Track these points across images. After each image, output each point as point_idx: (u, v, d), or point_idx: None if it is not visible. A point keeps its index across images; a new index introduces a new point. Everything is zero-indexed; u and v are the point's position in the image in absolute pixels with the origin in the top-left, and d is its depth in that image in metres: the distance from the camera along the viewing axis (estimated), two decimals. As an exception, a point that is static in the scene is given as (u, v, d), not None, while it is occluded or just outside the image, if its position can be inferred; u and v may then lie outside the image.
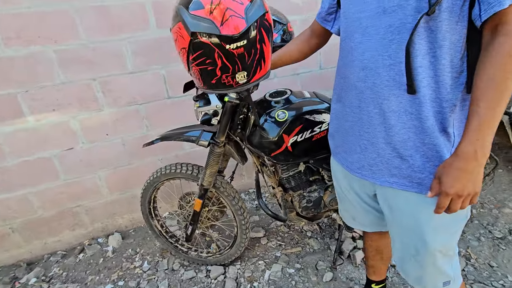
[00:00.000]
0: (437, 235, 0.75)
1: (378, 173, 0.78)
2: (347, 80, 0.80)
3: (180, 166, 1.44)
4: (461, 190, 0.61)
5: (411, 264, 0.83)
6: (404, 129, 0.70)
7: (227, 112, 1.13)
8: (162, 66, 1.78)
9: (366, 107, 0.75)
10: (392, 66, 0.67)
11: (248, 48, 0.71)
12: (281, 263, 1.58)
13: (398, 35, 0.65)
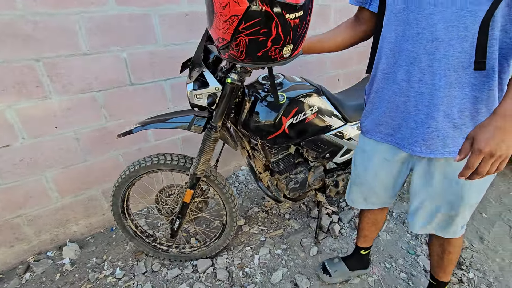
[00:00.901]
0: (473, 193, 0.85)
1: (432, 146, 0.81)
2: (405, 54, 0.78)
3: (164, 157, 1.32)
4: (494, 148, 0.61)
5: (437, 220, 0.93)
6: (464, 99, 0.73)
7: (228, 94, 1.09)
8: (123, 48, 1.58)
9: (431, 80, 0.75)
10: (466, 38, 0.67)
11: (302, 20, 0.71)
12: (267, 246, 1.61)
13: (477, 6, 0.64)
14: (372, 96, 0.95)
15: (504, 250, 1.53)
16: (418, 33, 0.73)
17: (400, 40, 0.78)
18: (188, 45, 1.78)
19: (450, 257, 1.07)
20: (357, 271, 1.39)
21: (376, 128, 0.95)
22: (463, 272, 1.40)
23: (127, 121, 1.72)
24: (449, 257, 1.07)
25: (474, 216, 1.77)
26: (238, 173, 2.34)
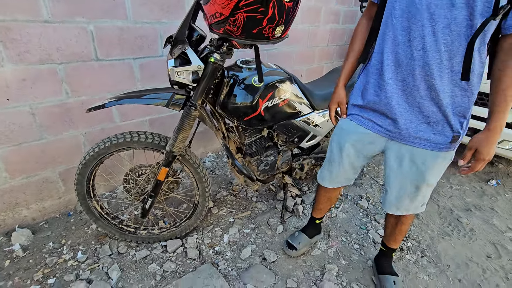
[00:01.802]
0: (435, 176, 1.01)
1: (406, 135, 0.96)
2: (394, 56, 0.88)
3: (137, 134, 1.30)
4: (490, 155, 0.84)
5: (406, 201, 1.09)
6: (439, 103, 0.87)
7: (210, 73, 1.13)
8: (89, 20, 1.48)
9: (413, 81, 0.87)
10: (445, 52, 0.80)
11: (294, 3, 0.78)
12: (236, 226, 1.69)
13: (458, 28, 0.77)
14: (359, 84, 1.05)
15: (434, 224, 1.83)
16: (409, 40, 0.84)
17: (392, 43, 0.88)
18: (159, 24, 1.74)
19: (403, 227, 1.26)
20: (315, 237, 1.55)
21: (360, 113, 1.06)
22: (403, 242, 1.65)
23: (91, 99, 1.63)
24: (401, 228, 1.26)
25: (411, 197, 2.08)
26: (204, 159, 2.36)
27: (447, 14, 0.77)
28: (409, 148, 0.99)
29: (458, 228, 1.81)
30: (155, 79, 1.85)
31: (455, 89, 0.85)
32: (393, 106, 0.94)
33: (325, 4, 2.69)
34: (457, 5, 0.75)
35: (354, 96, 1.09)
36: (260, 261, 1.47)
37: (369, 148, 1.10)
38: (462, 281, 1.45)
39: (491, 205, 2.05)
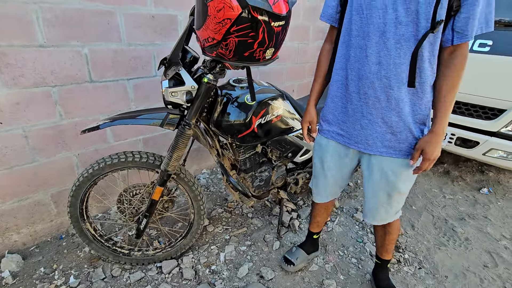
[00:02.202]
0: (405, 183, 1.05)
1: (373, 145, 1.02)
2: (356, 71, 0.96)
3: (132, 154, 1.30)
4: (436, 155, 0.92)
5: (381, 209, 1.12)
6: (401, 113, 0.94)
7: (203, 93, 1.15)
8: (84, 43, 1.52)
9: (374, 94, 0.94)
10: (399, 64, 0.88)
11: (283, 28, 0.82)
12: (232, 243, 1.67)
13: (406, 42, 0.86)
14: (328, 101, 1.12)
15: (429, 235, 1.84)
16: (366, 56, 0.92)
17: (353, 59, 0.96)
18: (152, 46, 1.78)
19: (390, 237, 1.28)
20: (312, 254, 1.54)
21: (329, 128, 1.12)
22: (400, 254, 1.64)
23: (85, 120, 1.63)
24: (389, 238, 1.28)
25: (406, 209, 2.10)
26: (199, 176, 2.35)
27: (396, 31, 0.86)
28: (378, 158, 1.04)
29: (453, 238, 1.82)
30: (149, 99, 1.87)
31: (413, 98, 0.93)
32: (358, 119, 1.00)
33: (313, 23, 2.80)
34: (403, 23, 0.84)
35: (324, 112, 1.16)
36: (258, 279, 1.45)
37: (347, 161, 1.15)
38: (461, 291, 1.45)
39: (484, 214, 2.08)
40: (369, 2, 0.88)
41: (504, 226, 1.96)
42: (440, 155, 2.93)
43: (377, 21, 0.87)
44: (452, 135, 2.34)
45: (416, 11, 0.81)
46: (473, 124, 2.23)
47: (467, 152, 2.31)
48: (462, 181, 2.53)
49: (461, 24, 0.81)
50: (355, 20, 0.92)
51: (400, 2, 0.83)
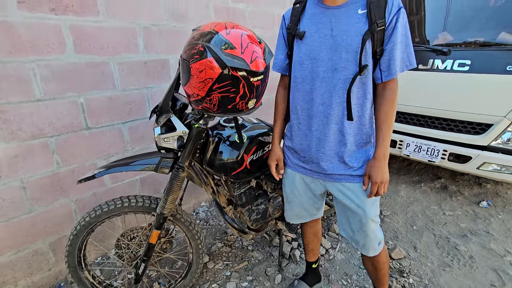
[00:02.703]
0: (370, 208, 1.11)
1: (332, 175, 1.12)
2: (307, 111, 1.09)
3: (128, 199, 1.33)
4: (381, 178, 1.01)
5: (358, 235, 1.17)
6: (347, 143, 1.06)
7: (194, 137, 1.20)
8: (80, 93, 1.59)
9: (323, 129, 1.07)
10: (339, 103, 1.02)
11: (262, 81, 0.89)
12: (233, 280, 1.64)
13: (343, 84, 1.00)
14: (290, 138, 1.22)
15: (433, 255, 1.82)
16: (312, 99, 1.05)
17: (300, 100, 1.09)
18: (146, 89, 1.86)
19: (382, 272, 1.29)
20: (315, 286, 1.53)
21: (292, 161, 1.23)
22: (404, 279, 1.62)
23: (82, 166, 1.67)
24: (381, 273, 1.29)
25: (407, 229, 2.08)
26: (198, 209, 2.35)
27: (333, 76, 0.99)
28: (339, 185, 1.13)
29: (457, 257, 1.80)
30: (145, 139, 1.92)
31: (355, 129, 1.05)
32: (314, 153, 1.11)
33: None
34: (338, 70, 0.98)
35: (286, 149, 1.26)
36: (261, 318, 1.42)
37: (313, 187, 1.23)
38: (469, 316, 1.41)
39: (486, 228, 2.07)
40: (308, 54, 1.02)
41: (507, 241, 1.94)
42: (436, 169, 2.95)
43: (317, 70, 1.01)
44: (444, 151, 2.37)
45: (347, 59, 0.96)
46: (464, 140, 2.28)
47: (461, 167, 2.33)
48: (461, 195, 2.53)
49: (385, 65, 0.97)
50: (299, 70, 1.07)
51: (334, 53, 0.97)
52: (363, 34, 0.93)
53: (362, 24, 0.93)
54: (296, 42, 1.06)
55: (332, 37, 0.97)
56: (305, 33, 1.01)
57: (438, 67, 2.29)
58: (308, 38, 1.01)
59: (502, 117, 2.09)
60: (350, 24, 0.95)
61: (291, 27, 1.05)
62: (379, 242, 1.18)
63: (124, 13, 1.67)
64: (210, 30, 0.85)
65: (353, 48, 0.94)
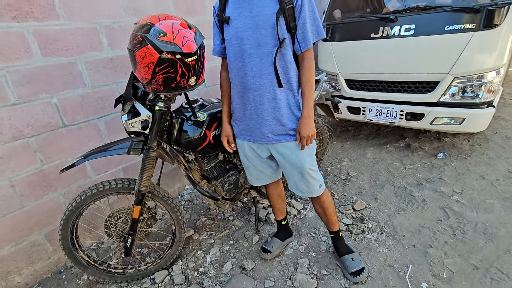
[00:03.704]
0: (306, 159, 1.33)
1: (271, 137, 1.31)
2: (243, 85, 1.26)
3: (108, 183, 1.49)
4: (307, 133, 1.23)
5: (301, 183, 1.39)
6: (281, 107, 1.25)
7: (158, 119, 1.36)
8: (52, 94, 1.71)
9: (259, 99, 1.25)
10: (267, 74, 1.20)
11: (197, 60, 1.04)
12: (216, 246, 1.85)
13: (268, 57, 1.18)
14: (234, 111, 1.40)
15: (390, 203, 2.06)
16: (245, 73, 1.21)
17: (236, 76, 1.25)
18: (116, 84, 1.99)
19: (329, 211, 1.51)
20: (287, 239, 1.75)
21: (240, 132, 1.40)
22: (364, 225, 1.85)
23: (65, 161, 1.81)
24: (328, 211, 1.51)
25: (370, 185, 2.32)
26: (183, 193, 2.53)
27: (258, 51, 1.17)
28: (279, 146, 1.32)
29: (411, 202, 2.04)
30: (121, 131, 2.06)
31: (286, 94, 1.25)
32: (255, 120, 1.29)
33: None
34: (261, 45, 1.16)
35: (233, 121, 1.44)
36: (240, 271, 1.63)
37: (260, 152, 1.41)
38: (416, 245, 1.65)
39: (439, 176, 2.32)
40: (235, 34, 1.18)
41: (456, 183, 2.19)
42: (401, 131, 3.19)
43: (244, 47, 1.18)
44: (401, 111, 2.59)
45: (266, 35, 1.14)
46: (417, 99, 2.50)
47: (417, 124, 2.56)
48: (422, 150, 2.78)
49: (301, 37, 1.17)
50: (231, 50, 1.23)
51: (255, 31, 1.14)
52: (275, 12, 1.11)
53: (273, 4, 1.12)
54: (225, 26, 1.22)
55: (251, 18, 1.14)
56: (230, 17, 1.18)
57: (388, 34, 2.47)
58: (233, 21, 1.18)
59: (446, 73, 2.30)
60: (264, 5, 1.13)
61: (219, 14, 1.22)
62: (319, 184, 1.41)
63: (84, 14, 1.77)
64: (147, 22, 1.00)
65: (270, 25, 1.12)
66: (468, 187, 2.12)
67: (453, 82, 2.30)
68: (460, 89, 2.32)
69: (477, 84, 2.26)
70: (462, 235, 1.69)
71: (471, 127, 2.36)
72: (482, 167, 2.35)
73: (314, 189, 1.40)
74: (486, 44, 2.13)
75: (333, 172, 2.57)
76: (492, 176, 2.22)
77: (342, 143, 3.19)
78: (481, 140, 2.79)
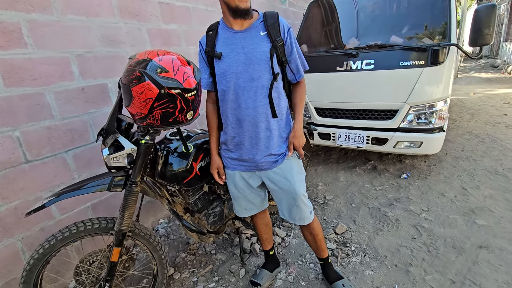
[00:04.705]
0: (299, 185, 1.36)
1: (265, 165, 1.34)
2: (237, 116, 1.30)
3: (83, 223, 1.35)
4: (299, 143, 1.32)
5: (294, 210, 1.40)
6: (273, 136, 1.31)
7: (143, 152, 1.30)
8: (15, 127, 1.56)
9: (253, 129, 1.29)
10: (263, 105, 1.26)
11: (196, 95, 1.04)
12: (201, 284, 1.73)
13: (261, 90, 1.24)
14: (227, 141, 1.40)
15: (368, 225, 2.15)
16: (239, 105, 1.26)
17: (230, 109, 1.29)
18: (87, 115, 1.88)
19: (319, 237, 1.54)
20: (275, 270, 1.72)
21: (230, 162, 1.42)
22: (348, 248, 1.90)
23: (25, 201, 1.61)
24: (318, 238, 1.53)
25: (347, 207, 2.41)
26: (157, 227, 2.37)
27: (252, 85, 1.23)
28: (271, 172, 1.36)
29: (387, 222, 2.16)
30: (92, 164, 1.92)
31: (278, 123, 1.32)
32: (249, 150, 1.32)
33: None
34: (255, 79, 1.23)
35: (225, 151, 1.44)
36: (230, 309, 1.54)
37: (251, 181, 1.43)
38: (398, 265, 1.73)
39: (407, 195, 2.51)
40: (228, 69, 1.23)
41: (422, 202, 2.38)
42: (367, 154, 3.43)
43: (238, 81, 1.24)
44: (367, 137, 2.80)
45: (260, 70, 1.22)
46: (380, 125, 2.74)
47: (382, 148, 2.79)
48: (387, 172, 3.00)
49: (295, 70, 1.32)
50: (222, 83, 1.28)
51: (248, 66, 1.21)
52: (269, 49, 1.21)
53: (265, 42, 1.21)
54: (216, 61, 1.27)
55: (244, 54, 1.21)
56: (222, 53, 1.23)
57: (351, 67, 2.73)
58: (225, 57, 1.23)
59: (403, 103, 2.58)
60: (256, 43, 1.21)
61: (209, 50, 1.27)
62: (310, 211, 1.44)
63: (55, 43, 1.69)
64: (145, 58, 0.99)
65: (263, 61, 1.21)
66: (433, 205, 2.32)
67: (410, 110, 2.58)
68: (416, 116, 2.61)
69: (429, 112, 2.56)
70: (435, 251, 1.81)
71: (428, 149, 2.63)
72: (441, 185, 2.60)
73: (306, 216, 1.41)
74: (434, 78, 2.45)
75: (311, 197, 2.64)
76: (450, 193, 2.46)
77: (315, 167, 3.31)
78: (435, 161, 3.11)
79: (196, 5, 2.71)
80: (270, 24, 1.22)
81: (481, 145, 3.41)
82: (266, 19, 1.24)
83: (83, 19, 1.81)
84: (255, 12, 1.28)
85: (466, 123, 4.30)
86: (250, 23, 1.24)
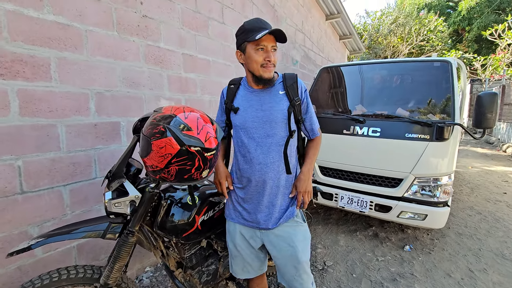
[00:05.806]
0: (302, 253, 1.29)
1: (268, 221, 1.31)
2: (248, 171, 1.29)
3: (66, 271, 1.23)
4: (305, 188, 1.30)
5: (295, 280, 1.31)
6: (280, 193, 1.30)
7: (147, 201, 1.24)
8: (18, 156, 1.52)
9: (261, 185, 1.29)
10: (275, 162, 1.28)
11: (214, 155, 1.03)
12: None
13: (276, 146, 1.27)
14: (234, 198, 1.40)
15: (370, 302, 1.98)
16: (251, 159, 1.28)
17: (244, 162, 1.31)
18: (94, 150, 1.86)
19: None
20: None
21: (234, 213, 1.39)
22: (348, 329, 1.71)
23: (9, 235, 1.51)
24: None
25: (348, 278, 2.25)
26: (141, 276, 2.18)
27: (267, 141, 1.26)
28: (271, 234, 1.32)
29: (390, 301, 1.99)
30: (88, 202, 1.84)
31: (287, 179, 1.32)
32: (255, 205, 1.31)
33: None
34: (270, 135, 1.26)
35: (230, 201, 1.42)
36: None
37: (253, 242, 1.38)
38: None
39: (411, 271, 2.36)
40: (244, 123, 1.28)
41: (428, 281, 2.23)
42: (368, 218, 3.33)
43: (253, 136, 1.27)
44: (371, 202, 2.75)
45: (276, 127, 1.26)
46: (384, 192, 2.70)
47: (385, 216, 2.71)
48: (389, 241, 2.87)
49: (310, 128, 1.38)
50: (238, 137, 1.32)
51: (265, 123, 1.25)
52: (287, 108, 1.27)
53: (284, 101, 1.28)
54: (232, 114, 1.33)
55: (262, 111, 1.26)
56: (239, 108, 1.30)
57: (358, 132, 2.80)
58: (242, 111, 1.30)
59: (408, 173, 2.58)
60: (275, 101, 1.27)
61: (228, 102, 1.34)
62: (312, 282, 1.35)
63: (78, 80, 1.75)
64: (171, 113, 1.00)
65: (280, 119, 1.26)
66: (439, 286, 2.17)
67: (415, 181, 2.57)
68: (420, 188, 2.59)
69: (434, 185, 2.55)
70: None
71: (432, 223, 2.55)
72: (446, 264, 2.47)
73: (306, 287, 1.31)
74: (439, 153, 2.50)
75: (310, 260, 2.47)
76: (457, 274, 2.32)
77: (314, 226, 3.19)
78: (438, 235, 3.01)
79: (216, 59, 2.89)
80: (289, 84, 1.30)
81: (484, 223, 3.33)
82: (286, 80, 1.32)
83: (110, 61, 1.91)
84: (275, 73, 1.34)
85: (467, 197, 4.27)
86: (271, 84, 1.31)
